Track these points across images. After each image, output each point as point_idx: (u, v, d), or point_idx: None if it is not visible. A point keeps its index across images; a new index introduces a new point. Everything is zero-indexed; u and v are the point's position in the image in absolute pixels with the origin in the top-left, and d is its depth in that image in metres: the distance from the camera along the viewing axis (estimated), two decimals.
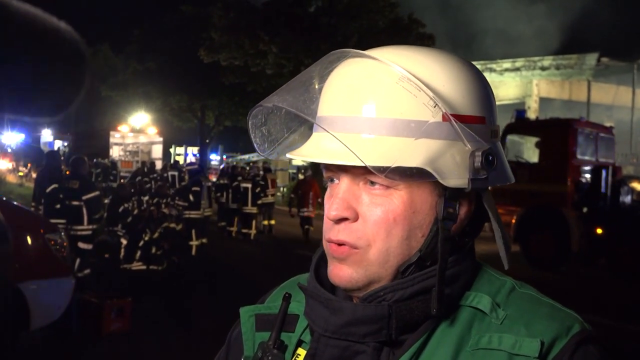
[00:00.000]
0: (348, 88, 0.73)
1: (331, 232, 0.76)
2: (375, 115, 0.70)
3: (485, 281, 0.79)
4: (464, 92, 0.73)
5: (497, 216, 0.78)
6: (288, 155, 0.81)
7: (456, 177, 0.71)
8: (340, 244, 0.75)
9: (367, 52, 0.74)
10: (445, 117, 0.70)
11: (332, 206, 0.74)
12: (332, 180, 0.78)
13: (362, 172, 0.73)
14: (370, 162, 0.67)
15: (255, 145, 0.82)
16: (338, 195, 0.75)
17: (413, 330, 0.74)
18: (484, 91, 0.76)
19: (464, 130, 0.71)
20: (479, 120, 0.74)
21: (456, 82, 0.73)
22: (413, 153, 0.69)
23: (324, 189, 0.81)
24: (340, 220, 0.74)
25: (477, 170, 0.71)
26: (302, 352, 0.80)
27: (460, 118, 0.71)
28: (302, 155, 0.77)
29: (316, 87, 0.77)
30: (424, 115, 0.70)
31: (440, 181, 0.70)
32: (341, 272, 0.75)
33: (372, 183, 0.73)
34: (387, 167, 0.68)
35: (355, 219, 0.74)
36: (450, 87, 0.72)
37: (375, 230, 0.73)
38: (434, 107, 0.70)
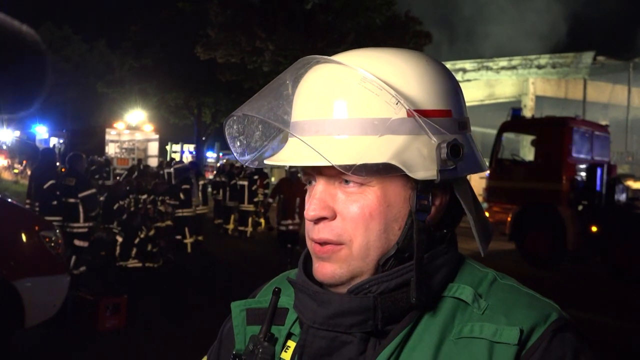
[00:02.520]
0: (316, 93, 0.76)
1: (313, 232, 0.79)
2: (342, 117, 0.74)
3: (468, 273, 0.82)
4: (428, 88, 0.76)
5: (472, 205, 0.80)
6: (266, 162, 0.83)
7: (424, 169, 0.73)
8: (323, 243, 0.78)
9: (332, 57, 0.77)
10: (409, 113, 0.73)
11: (310, 207, 0.78)
12: (310, 183, 0.81)
13: (336, 173, 0.76)
14: (337, 161, 0.71)
15: (235, 154, 0.85)
16: (315, 196, 0.78)
17: (398, 321, 0.77)
18: (449, 85, 0.79)
19: (427, 124, 0.74)
20: (445, 114, 0.77)
21: (419, 79, 0.76)
22: (379, 149, 0.72)
23: None
24: (319, 220, 0.78)
25: (444, 161, 0.74)
26: (292, 344, 0.83)
27: (424, 113, 0.74)
28: (278, 160, 0.80)
29: (287, 93, 0.80)
30: (387, 113, 0.73)
31: (409, 174, 0.73)
32: (325, 270, 0.79)
33: (347, 182, 0.77)
34: (353, 165, 0.71)
35: (334, 217, 0.77)
36: (412, 84, 0.75)
37: (354, 226, 0.76)
38: (396, 104, 0.72)
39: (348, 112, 0.73)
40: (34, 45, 0.91)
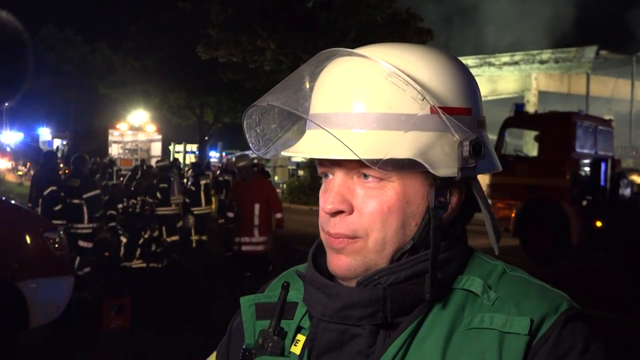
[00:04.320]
0: (339, 85, 0.75)
1: (329, 225, 0.78)
2: (365, 110, 0.73)
3: (477, 265, 0.82)
4: (450, 85, 0.76)
5: (486, 204, 0.81)
6: (283, 153, 0.83)
7: (446, 167, 0.73)
8: (338, 237, 0.78)
9: (356, 50, 0.76)
10: (433, 110, 0.73)
11: (328, 200, 0.77)
12: (326, 176, 0.80)
13: (355, 166, 0.75)
14: (363, 155, 0.70)
15: (250, 145, 0.84)
16: (333, 190, 0.77)
17: (408, 313, 0.76)
18: (469, 83, 0.79)
19: (451, 122, 0.73)
20: (465, 112, 0.77)
21: (442, 76, 0.76)
22: (404, 145, 0.72)
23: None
24: (336, 213, 0.77)
25: (466, 159, 0.74)
26: (301, 337, 0.83)
27: (447, 110, 0.74)
28: (297, 151, 0.79)
29: (308, 86, 0.80)
30: (412, 109, 0.72)
31: (431, 171, 0.73)
32: (340, 262, 0.78)
33: (366, 176, 0.76)
34: (380, 160, 0.70)
35: (351, 211, 0.77)
36: (437, 81, 0.75)
37: (372, 221, 0.76)
38: (422, 100, 0.72)
39: (373, 106, 0.73)
40: (14, 33, 0.88)
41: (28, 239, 4.78)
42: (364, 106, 0.73)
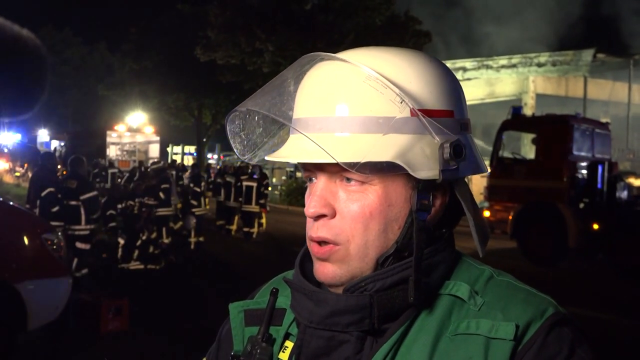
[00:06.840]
0: (320, 90, 0.76)
1: (312, 229, 0.79)
2: (346, 114, 0.73)
3: (464, 270, 0.82)
4: (431, 88, 0.76)
5: (471, 206, 0.80)
6: (267, 158, 0.83)
7: (427, 169, 0.73)
8: (321, 242, 0.78)
9: (336, 55, 0.76)
10: (412, 112, 0.73)
11: (310, 204, 0.78)
12: (310, 180, 0.81)
13: (338, 170, 0.75)
14: (341, 158, 0.70)
15: (235, 151, 0.84)
16: (316, 193, 0.78)
17: (395, 319, 0.77)
18: (452, 86, 0.79)
19: (431, 124, 0.73)
20: (447, 114, 0.77)
21: (423, 79, 0.76)
22: (383, 148, 0.72)
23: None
24: (318, 217, 0.78)
25: (447, 161, 0.74)
26: (289, 344, 0.83)
27: (428, 112, 0.74)
28: (279, 156, 0.79)
29: (290, 90, 0.80)
30: (391, 112, 0.72)
31: (412, 173, 0.72)
32: (325, 270, 0.78)
33: (348, 180, 0.76)
34: (357, 163, 0.71)
35: (333, 215, 0.77)
36: (417, 84, 0.75)
37: (353, 225, 0.76)
38: (401, 102, 0.72)
39: (352, 110, 0.73)
40: (35, 50, 0.91)
41: (26, 241, 4.77)
42: (343, 110, 0.73)
